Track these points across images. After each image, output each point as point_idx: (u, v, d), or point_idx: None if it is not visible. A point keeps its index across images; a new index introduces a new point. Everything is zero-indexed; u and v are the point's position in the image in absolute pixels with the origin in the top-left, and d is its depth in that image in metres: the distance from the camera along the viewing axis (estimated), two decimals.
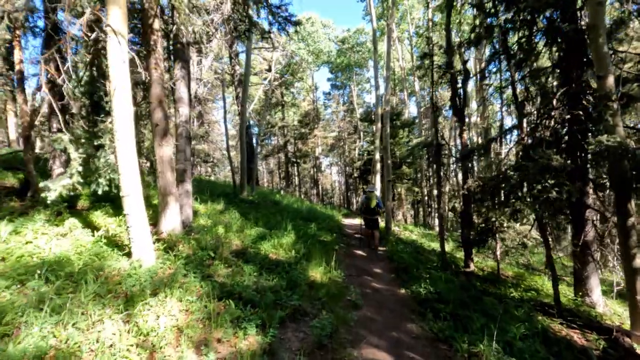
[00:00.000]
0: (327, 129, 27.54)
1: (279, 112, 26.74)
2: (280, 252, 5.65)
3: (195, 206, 7.57)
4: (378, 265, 6.40)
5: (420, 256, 7.14)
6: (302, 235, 6.86)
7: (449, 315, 3.94)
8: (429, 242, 10.01)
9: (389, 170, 9.52)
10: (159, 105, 4.90)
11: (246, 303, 3.35)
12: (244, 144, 10.07)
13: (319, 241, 7.00)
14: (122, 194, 3.62)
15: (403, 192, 14.39)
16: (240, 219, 7.12)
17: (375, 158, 11.59)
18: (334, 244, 7.27)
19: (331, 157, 34.44)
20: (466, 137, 7.01)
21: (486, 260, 8.15)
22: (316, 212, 11.03)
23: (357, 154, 22.10)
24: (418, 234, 11.90)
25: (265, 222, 7.35)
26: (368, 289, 4.96)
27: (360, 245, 8.11)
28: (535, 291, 5.94)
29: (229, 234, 6.02)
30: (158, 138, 4.92)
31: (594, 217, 5.52)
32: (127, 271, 3.47)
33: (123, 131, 3.52)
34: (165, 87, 5.05)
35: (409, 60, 22.18)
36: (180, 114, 5.66)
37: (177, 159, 5.71)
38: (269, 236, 6.28)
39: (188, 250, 4.70)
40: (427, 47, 6.60)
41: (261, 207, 9.23)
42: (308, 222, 9.08)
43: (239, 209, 8.20)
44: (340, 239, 8.21)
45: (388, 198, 9.51)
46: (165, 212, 5.01)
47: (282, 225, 7.13)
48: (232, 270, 4.39)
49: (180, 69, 5.66)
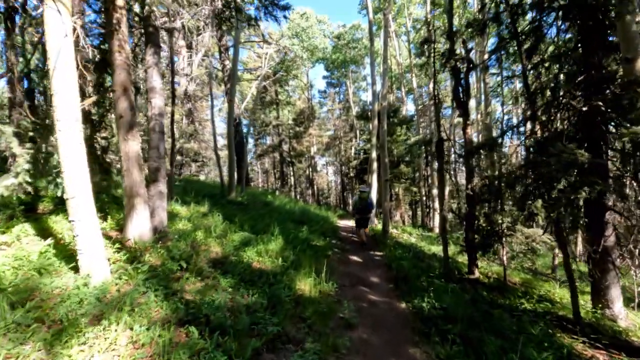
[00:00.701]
0: (323, 127, 26.93)
1: (273, 111, 26.11)
2: (266, 260, 5.04)
3: (176, 209, 6.94)
4: (375, 273, 5.81)
5: (421, 262, 6.56)
6: (291, 240, 6.26)
7: (457, 337, 3.35)
8: (429, 245, 9.45)
9: (386, 169, 8.95)
10: (124, 94, 4.28)
11: (214, 329, 2.73)
12: (232, 141, 9.45)
13: (311, 246, 6.41)
14: (66, 197, 2.99)
15: (401, 192, 13.85)
16: (224, 223, 6.50)
17: (372, 157, 11.03)
18: (327, 250, 6.67)
19: (327, 157, 33.88)
20: (470, 132, 6.44)
21: (491, 266, 7.59)
22: (309, 214, 10.43)
23: (353, 153, 21.54)
24: (417, 236, 11.34)
25: (252, 225, 6.74)
26: (364, 303, 4.37)
27: (356, 249, 7.53)
28: (549, 302, 5.38)
29: (209, 240, 5.40)
30: (123, 131, 4.30)
31: (614, 219, 4.97)
32: (69, 291, 2.84)
33: (66, 120, 2.90)
34: (131, 73, 4.42)
35: (406, 57, 21.66)
36: (153, 106, 5.03)
37: (149, 157, 5.08)
38: (255, 242, 5.67)
39: (156, 260, 4.08)
40: (427, 34, 6.01)
41: (250, 209, 8.61)
42: (300, 225, 8.48)
43: (224, 211, 7.57)
44: (334, 244, 7.61)
45: (385, 198, 8.94)
46: (132, 216, 4.38)
47: (271, 229, 6.53)
48: (205, 284, 3.78)
49: (152, 55, 5.03)
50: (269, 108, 26.18)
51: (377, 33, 18.99)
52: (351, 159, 20.63)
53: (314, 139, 23.82)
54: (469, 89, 6.60)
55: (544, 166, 3.63)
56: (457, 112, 14.34)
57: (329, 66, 24.78)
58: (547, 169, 3.54)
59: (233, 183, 9.44)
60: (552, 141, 4.23)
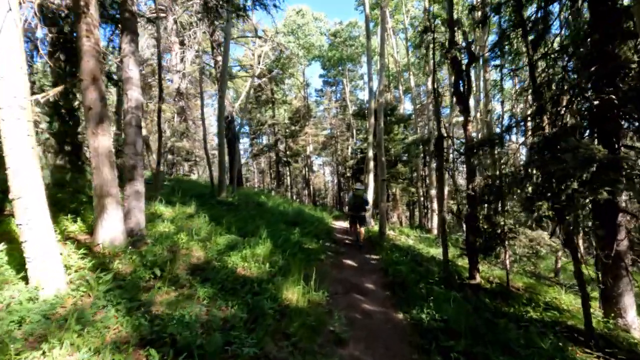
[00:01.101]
0: (319, 126, 26.54)
1: (269, 110, 25.70)
2: (252, 265, 4.65)
3: (160, 209, 6.53)
4: (370, 279, 5.43)
5: (419, 267, 6.20)
6: (281, 244, 5.87)
7: (461, 355, 2.98)
8: (427, 247, 9.09)
9: (384, 168, 8.58)
10: (93, 84, 3.87)
11: (180, 351, 2.34)
12: (222, 139, 9.04)
13: (302, 250, 6.02)
14: (11, 197, 2.59)
15: (398, 193, 13.51)
16: (210, 225, 6.10)
17: (369, 156, 10.66)
18: (320, 253, 6.29)
19: (324, 156, 33.50)
20: (471, 129, 6.09)
21: (492, 269, 7.25)
22: (304, 215, 10.04)
23: (349, 152, 21.17)
24: (415, 238, 10.98)
25: (240, 227, 6.34)
26: (357, 313, 3.99)
27: (350, 252, 7.15)
28: (556, 310, 5.03)
29: (191, 244, 5.00)
30: (92, 125, 3.89)
31: (627, 222, 4.62)
32: (11, 306, 2.44)
33: (9, 107, 2.50)
34: (102, 60, 4.02)
35: (403, 55, 21.34)
36: (130, 98, 4.63)
37: (125, 153, 4.68)
38: (242, 245, 5.28)
39: (127, 267, 3.68)
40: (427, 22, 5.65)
41: (240, 210, 8.21)
42: (293, 227, 8.09)
43: (212, 212, 7.18)
44: (328, 246, 7.23)
45: (382, 199, 8.57)
46: (102, 219, 3.98)
47: (260, 231, 6.14)
48: (180, 294, 3.38)
49: (128, 43, 4.62)
50: (265, 107, 25.78)
51: (374, 30, 18.68)
52: (348, 158, 20.26)
53: (310, 138, 23.43)
54: (470, 84, 6.25)
55: (554, 163, 3.27)
56: (457, 110, 14.00)
57: (326, 64, 24.40)
58: (558, 167, 3.18)
59: (223, 183, 9.04)
60: (562, 137, 3.88)
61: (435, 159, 5.50)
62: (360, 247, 7.56)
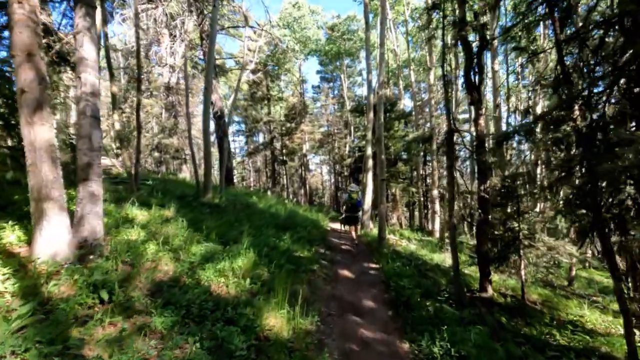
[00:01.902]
0: (316, 123, 25.77)
1: (265, 107, 24.93)
2: (229, 282, 3.93)
3: (132, 213, 5.78)
4: (369, 294, 4.72)
5: (424, 279, 5.50)
6: (268, 253, 5.15)
7: None
8: (430, 253, 8.40)
9: (383, 167, 7.87)
10: (28, 61, 3.13)
11: None
12: (208, 135, 8.30)
13: (292, 259, 5.29)
14: None
15: (398, 193, 12.82)
16: (187, 230, 5.36)
17: (367, 154, 9.96)
18: (312, 263, 5.58)
19: (322, 155, 32.77)
20: (483, 123, 5.40)
21: (503, 279, 6.57)
22: (297, 217, 9.32)
23: (347, 150, 20.45)
24: (416, 241, 10.29)
25: (222, 233, 5.61)
26: (353, 343, 3.28)
27: (347, 260, 6.45)
28: (584, 332, 4.34)
29: (160, 255, 4.27)
30: (26, 112, 3.15)
31: None
32: None
33: None
34: (39, 33, 3.27)
35: (403, 50, 20.65)
36: (83, 82, 3.88)
37: (78, 148, 3.93)
38: (220, 256, 4.56)
39: (68, 289, 2.95)
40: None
41: (226, 213, 7.48)
42: (284, 231, 7.38)
43: (193, 215, 6.44)
44: (322, 254, 6.53)
45: (382, 200, 7.86)
46: (41, 227, 3.24)
47: (244, 238, 5.43)
48: (129, 326, 2.66)
49: (82, 18, 3.87)
50: (261, 104, 25.01)
51: (373, 24, 17.94)
52: (345, 156, 19.52)
53: (306, 136, 22.66)
54: (483, 71, 5.54)
55: (606, 160, 2.56)
56: (462, 104, 13.26)
57: (323, 61, 23.66)
58: (612, 165, 2.48)
59: (209, 182, 8.30)
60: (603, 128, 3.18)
61: (445, 157, 4.79)
62: (355, 245, 7.63)
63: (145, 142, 13.03)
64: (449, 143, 4.65)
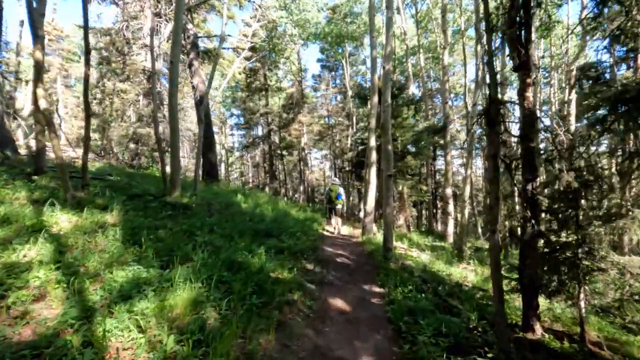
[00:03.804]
0: (315, 114, 24.10)
1: (263, 99, 23.35)
2: (141, 341, 2.43)
3: (51, 220, 4.30)
4: (370, 345, 3.20)
5: (449, 315, 3.94)
6: (228, 278, 3.65)
7: None
8: (447, 265, 6.87)
9: (390, 160, 6.30)
10: None
11: None
12: (174, 121, 6.78)
13: (263, 285, 3.77)
14: None
15: (405, 191, 11.26)
16: (116, 246, 3.88)
17: (371, 144, 8.39)
18: (293, 289, 4.06)
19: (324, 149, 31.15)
20: (531, 95, 3.83)
21: (548, 305, 5.02)
22: (286, 220, 7.82)
23: (349, 143, 18.83)
24: (428, 248, 8.74)
25: (168, 249, 4.11)
26: None
27: (342, 281, 4.93)
28: None
29: (49, 289, 2.80)
30: None
31: None
32: None
33: None
34: None
35: (412, 35, 18.95)
36: None
37: None
38: (151, 286, 3.07)
39: None
40: None
41: (193, 216, 5.99)
42: (266, 239, 5.90)
43: (143, 221, 4.96)
44: (309, 272, 5.01)
45: (388, 202, 6.30)
46: None
47: (197, 255, 3.93)
48: None
49: None
50: (258, 94, 23.44)
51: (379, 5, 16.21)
52: (346, 150, 17.91)
53: (305, 128, 21.04)
54: (531, 21, 3.90)
55: None
56: (484, 87, 11.66)
57: (323, 47, 21.98)
58: None
59: (177, 178, 6.81)
60: None
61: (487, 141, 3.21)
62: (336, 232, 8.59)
63: (122, 131, 11.58)
64: (492, 119, 3.07)
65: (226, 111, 33.27)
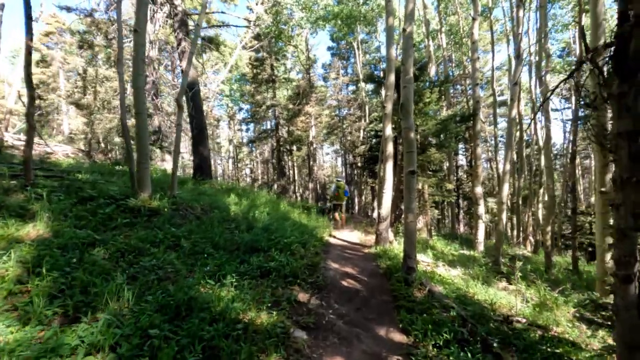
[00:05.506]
0: (324, 105, 22.50)
1: (270, 90, 22.00)
2: None
3: None
4: None
5: None
6: (163, 333, 2.29)
7: None
8: (485, 287, 5.33)
9: (413, 151, 4.79)
10: None
11: None
12: (142, 105, 5.50)
13: (220, 345, 2.40)
14: None
15: (427, 190, 9.68)
16: (8, 281, 2.59)
17: (386, 134, 6.87)
18: (269, 344, 2.66)
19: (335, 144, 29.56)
20: None
21: None
22: (283, 226, 6.44)
23: (361, 136, 17.24)
24: (456, 260, 7.19)
25: (91, 279, 2.79)
26: None
27: (344, 321, 3.50)
28: None
29: None
30: None
31: None
32: None
33: None
34: None
35: (433, 16, 17.14)
36: None
37: None
38: None
39: None
40: None
41: (159, 227, 4.69)
42: (252, 255, 4.54)
43: (79, 233, 3.67)
44: (303, 306, 3.60)
45: (411, 207, 4.79)
46: None
47: (111, 304, 2.60)
48: None
49: None
50: (265, 86, 22.11)
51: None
52: (358, 144, 16.34)
53: (313, 120, 19.53)
54: None
55: None
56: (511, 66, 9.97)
57: (334, 33, 20.39)
58: None
59: (145, 176, 5.55)
60: None
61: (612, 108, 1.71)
62: None
63: (107, 124, 10.48)
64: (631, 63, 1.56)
65: (234, 106, 32.17)
